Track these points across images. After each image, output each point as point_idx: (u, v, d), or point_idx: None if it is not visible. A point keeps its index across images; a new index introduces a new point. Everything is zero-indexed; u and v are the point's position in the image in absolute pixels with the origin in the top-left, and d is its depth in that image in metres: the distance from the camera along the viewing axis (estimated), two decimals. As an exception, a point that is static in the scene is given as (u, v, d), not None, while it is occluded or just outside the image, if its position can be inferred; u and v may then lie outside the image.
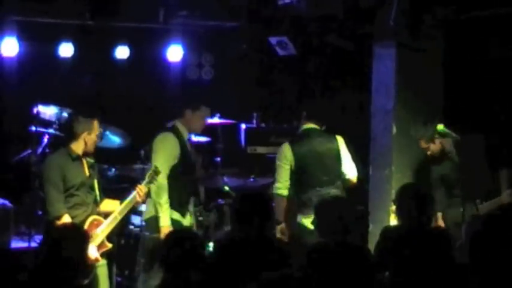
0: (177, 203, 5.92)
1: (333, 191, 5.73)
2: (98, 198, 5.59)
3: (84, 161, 5.54)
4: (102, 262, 5.57)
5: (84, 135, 5.49)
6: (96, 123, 5.55)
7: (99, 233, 5.45)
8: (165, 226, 5.69)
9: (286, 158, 5.82)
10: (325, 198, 5.21)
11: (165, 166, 5.74)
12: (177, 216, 5.95)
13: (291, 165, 5.81)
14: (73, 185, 5.44)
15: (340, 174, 5.83)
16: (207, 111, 6.02)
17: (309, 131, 5.93)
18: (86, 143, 5.50)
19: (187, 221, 6.00)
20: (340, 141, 5.89)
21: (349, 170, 5.85)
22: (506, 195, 5.79)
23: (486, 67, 6.68)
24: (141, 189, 5.58)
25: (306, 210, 5.70)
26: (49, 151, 7.11)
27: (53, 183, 5.40)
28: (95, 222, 5.47)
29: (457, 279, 4.26)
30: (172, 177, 5.78)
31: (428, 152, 6.09)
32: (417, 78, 6.43)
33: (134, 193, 5.57)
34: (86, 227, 5.38)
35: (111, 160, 7.50)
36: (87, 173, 5.53)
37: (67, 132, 5.73)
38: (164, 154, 5.81)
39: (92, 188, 5.55)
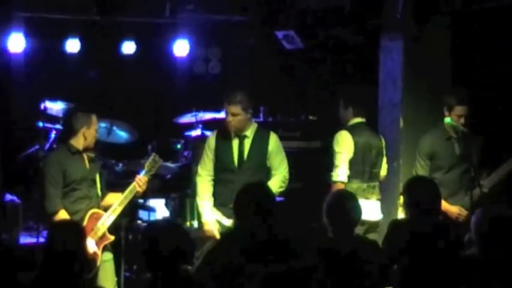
0: (218, 202, 5.89)
1: (377, 184, 6.04)
2: (100, 191, 5.59)
3: (85, 156, 5.54)
4: (108, 257, 5.58)
5: (83, 130, 5.50)
6: (94, 118, 5.55)
7: (100, 226, 5.47)
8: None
9: (346, 145, 5.98)
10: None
11: (201, 162, 5.95)
12: (218, 215, 5.89)
13: (349, 153, 5.99)
14: (74, 179, 5.46)
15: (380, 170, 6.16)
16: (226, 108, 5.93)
17: (361, 124, 6.10)
18: (85, 138, 5.51)
19: (231, 223, 5.79)
20: (383, 140, 6.18)
21: (384, 167, 6.19)
22: (506, 164, 5.78)
23: (494, 59, 6.64)
24: (140, 179, 5.60)
25: None
26: (56, 146, 7.12)
27: (51, 179, 5.43)
28: (95, 216, 5.48)
29: (465, 271, 4.24)
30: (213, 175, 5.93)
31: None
32: (425, 71, 6.41)
33: (134, 183, 5.59)
34: (85, 220, 5.40)
35: (119, 155, 7.51)
36: (88, 167, 5.54)
37: (66, 128, 5.75)
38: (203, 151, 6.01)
39: (94, 182, 5.56)
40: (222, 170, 5.87)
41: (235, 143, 5.87)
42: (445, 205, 5.71)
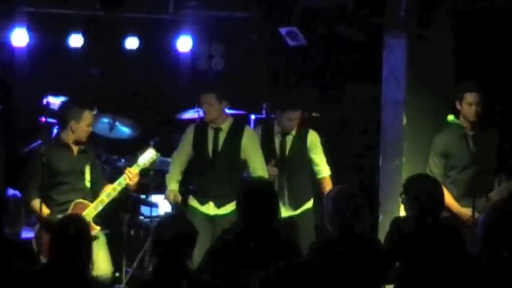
0: (195, 193, 6.06)
1: None
2: (88, 183, 5.62)
3: (74, 148, 5.59)
4: (101, 239, 5.61)
5: (72, 123, 5.54)
6: (87, 113, 5.57)
7: (85, 216, 5.46)
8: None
9: None
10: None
11: (177, 151, 6.15)
12: (194, 203, 6.05)
13: None
14: (59, 172, 5.53)
15: None
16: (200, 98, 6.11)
17: None
18: (73, 131, 5.52)
19: (205, 209, 5.99)
20: None
21: None
22: None
23: (498, 58, 6.63)
24: (130, 171, 5.61)
25: None
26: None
27: (30, 170, 5.58)
28: (80, 206, 5.53)
29: (468, 269, 4.24)
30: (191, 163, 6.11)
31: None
32: (428, 69, 6.40)
33: (124, 176, 5.58)
34: (70, 210, 5.47)
35: (121, 151, 7.51)
36: (76, 160, 5.59)
37: (57, 120, 5.80)
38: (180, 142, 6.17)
39: (82, 174, 5.59)
40: (198, 162, 6.05)
41: (210, 135, 6.03)
42: (457, 208, 5.69)
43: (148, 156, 5.70)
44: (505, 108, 6.48)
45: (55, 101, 7.45)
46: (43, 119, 7.32)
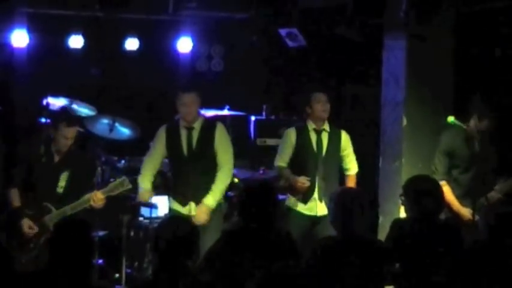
0: (175, 192, 6.08)
1: None
2: (61, 189, 5.71)
3: (57, 155, 5.73)
4: None
5: (54, 131, 5.71)
6: (63, 127, 5.68)
7: (47, 221, 5.63)
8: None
9: None
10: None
11: (148, 154, 6.16)
12: (176, 206, 6.07)
13: None
14: (37, 173, 5.67)
15: None
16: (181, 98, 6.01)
17: None
18: (53, 139, 5.71)
19: (186, 210, 5.99)
20: None
21: None
22: None
23: (497, 59, 6.63)
24: (96, 194, 5.67)
25: None
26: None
27: (20, 161, 5.87)
28: (45, 210, 5.64)
29: (468, 270, 4.25)
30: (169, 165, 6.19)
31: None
32: (428, 70, 6.40)
33: (90, 196, 5.65)
34: (35, 211, 5.61)
35: (121, 152, 7.51)
36: (54, 167, 5.71)
37: None
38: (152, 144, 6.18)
39: (57, 179, 5.69)
40: (174, 162, 6.09)
41: (183, 135, 6.03)
42: (457, 206, 5.72)
43: (118, 185, 5.74)
44: (505, 108, 6.48)
45: (55, 102, 7.47)
46: (43, 119, 7.35)
